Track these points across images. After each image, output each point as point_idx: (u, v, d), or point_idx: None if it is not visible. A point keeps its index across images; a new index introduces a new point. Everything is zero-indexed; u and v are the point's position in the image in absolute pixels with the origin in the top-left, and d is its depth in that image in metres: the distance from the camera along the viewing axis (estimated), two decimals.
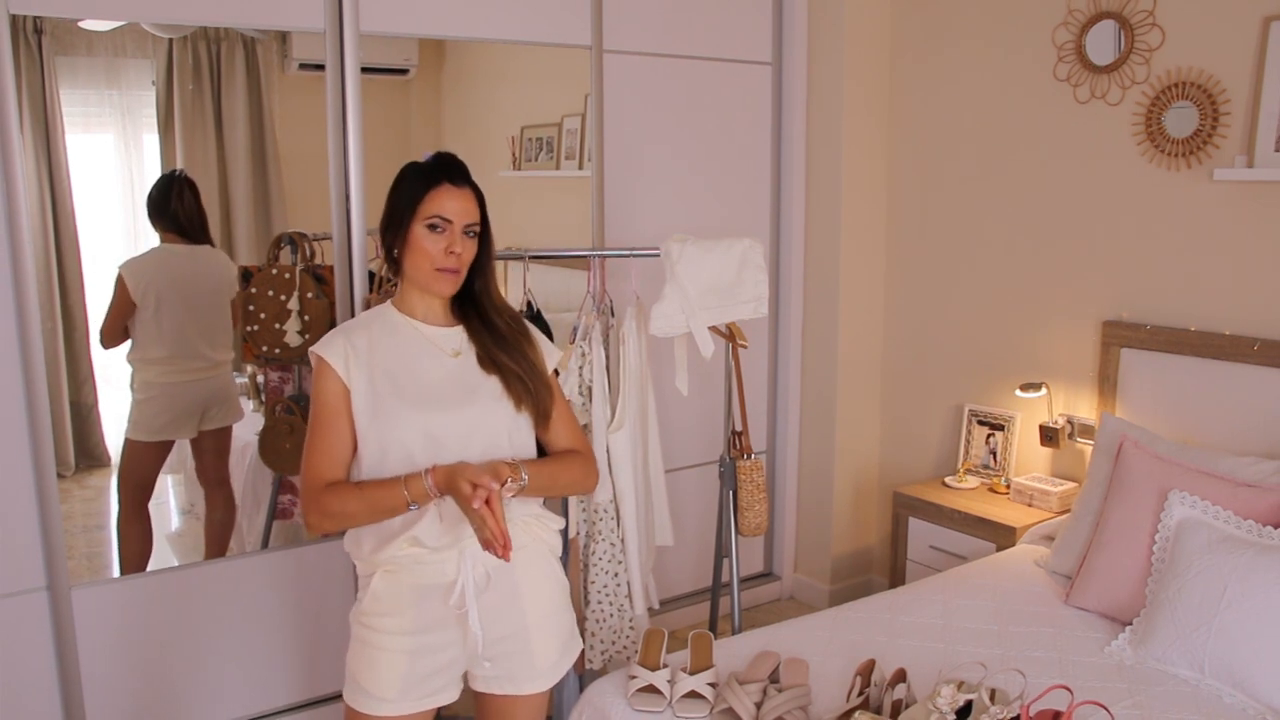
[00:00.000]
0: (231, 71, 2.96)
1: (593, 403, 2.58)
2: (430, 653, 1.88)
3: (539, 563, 1.97)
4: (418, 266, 1.87)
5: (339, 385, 1.84)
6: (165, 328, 2.89)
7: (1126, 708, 2.13)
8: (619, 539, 2.64)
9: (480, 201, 1.94)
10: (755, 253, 2.68)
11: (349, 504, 1.81)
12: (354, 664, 1.90)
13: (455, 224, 1.87)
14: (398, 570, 1.87)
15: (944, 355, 3.71)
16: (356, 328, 1.92)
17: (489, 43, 3.25)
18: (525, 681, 1.95)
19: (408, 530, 1.84)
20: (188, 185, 2.87)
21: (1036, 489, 3.25)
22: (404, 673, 1.86)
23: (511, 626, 1.92)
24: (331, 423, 1.84)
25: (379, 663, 1.87)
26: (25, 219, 2.50)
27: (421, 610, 1.87)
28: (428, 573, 1.86)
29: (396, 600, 1.87)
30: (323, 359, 1.85)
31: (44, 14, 2.54)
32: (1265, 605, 2.20)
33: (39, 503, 2.63)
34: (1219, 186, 2.87)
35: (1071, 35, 3.19)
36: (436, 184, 1.87)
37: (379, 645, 1.87)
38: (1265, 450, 2.73)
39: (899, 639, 2.47)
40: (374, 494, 1.80)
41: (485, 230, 1.95)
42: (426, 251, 1.86)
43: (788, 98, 3.84)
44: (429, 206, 1.86)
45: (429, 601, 1.87)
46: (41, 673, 2.70)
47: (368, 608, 1.89)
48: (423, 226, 1.86)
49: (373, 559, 1.88)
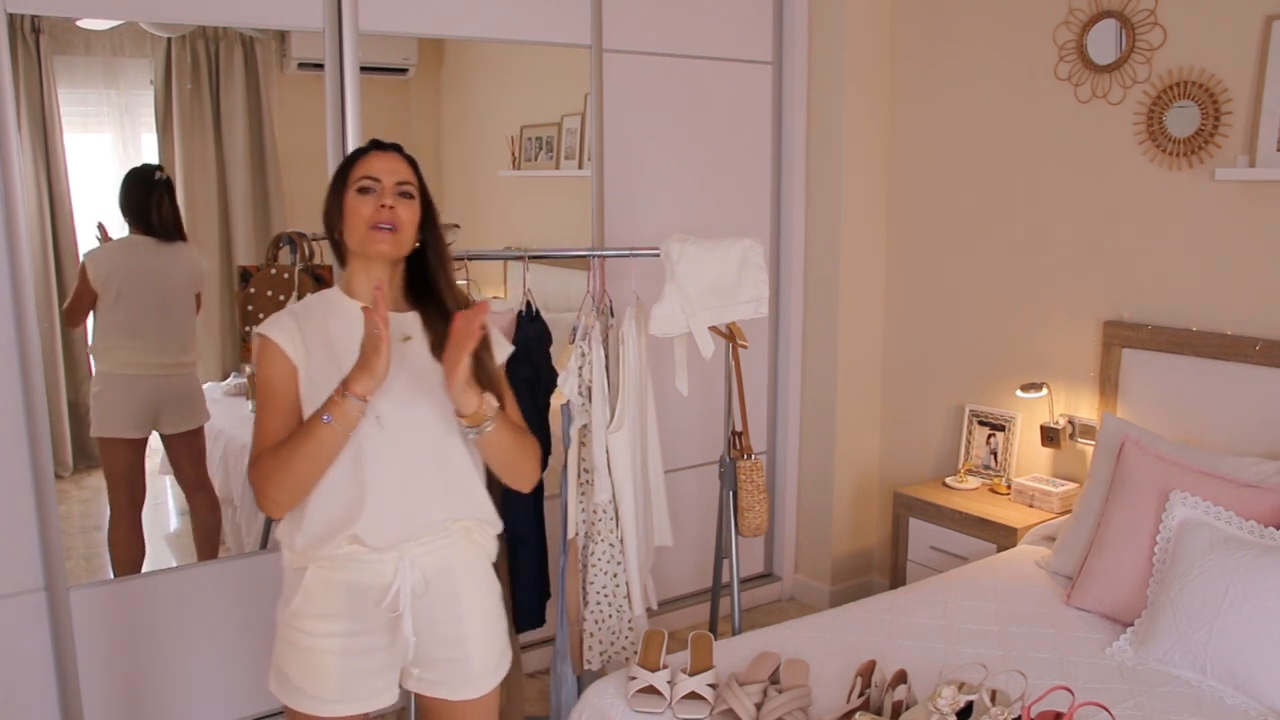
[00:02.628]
0: (230, 71, 2.96)
1: (592, 403, 2.57)
2: (363, 654, 1.84)
3: (478, 569, 1.95)
4: (354, 232, 1.84)
5: (287, 365, 1.80)
6: (123, 320, 2.85)
7: (1128, 709, 2.13)
8: (618, 540, 2.64)
9: (414, 168, 1.92)
10: (755, 253, 2.67)
11: (279, 453, 1.74)
12: (287, 665, 1.85)
13: (384, 182, 1.84)
14: (333, 567, 1.82)
15: (944, 355, 3.70)
16: (304, 310, 1.88)
17: (488, 42, 3.24)
18: (461, 687, 1.91)
19: (350, 528, 1.78)
20: (167, 189, 2.86)
21: (1037, 489, 3.24)
22: (340, 674, 1.83)
23: (449, 633, 1.89)
24: (280, 403, 1.80)
25: (314, 665, 1.83)
26: (23, 219, 2.50)
27: (354, 611, 1.82)
28: (365, 571, 1.82)
29: (329, 599, 1.82)
30: (270, 339, 1.81)
31: (42, 13, 2.54)
32: (1267, 606, 2.20)
33: (37, 503, 2.63)
34: (1220, 186, 2.87)
35: (1072, 34, 3.18)
36: (364, 154, 1.88)
37: (311, 648, 1.82)
38: (1267, 451, 2.72)
39: (900, 640, 2.46)
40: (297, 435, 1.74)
41: (428, 206, 1.92)
42: (360, 213, 1.83)
43: (788, 97, 3.83)
44: (357, 172, 1.86)
45: (363, 602, 1.82)
46: (39, 673, 2.70)
47: (299, 609, 1.83)
48: (354, 193, 1.84)
49: (309, 553, 1.81)
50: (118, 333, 2.86)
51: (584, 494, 2.64)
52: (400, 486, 1.82)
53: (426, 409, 1.84)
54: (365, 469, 1.79)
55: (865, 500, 4.01)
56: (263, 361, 1.82)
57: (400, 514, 1.81)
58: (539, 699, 3.29)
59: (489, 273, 3.45)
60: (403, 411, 1.82)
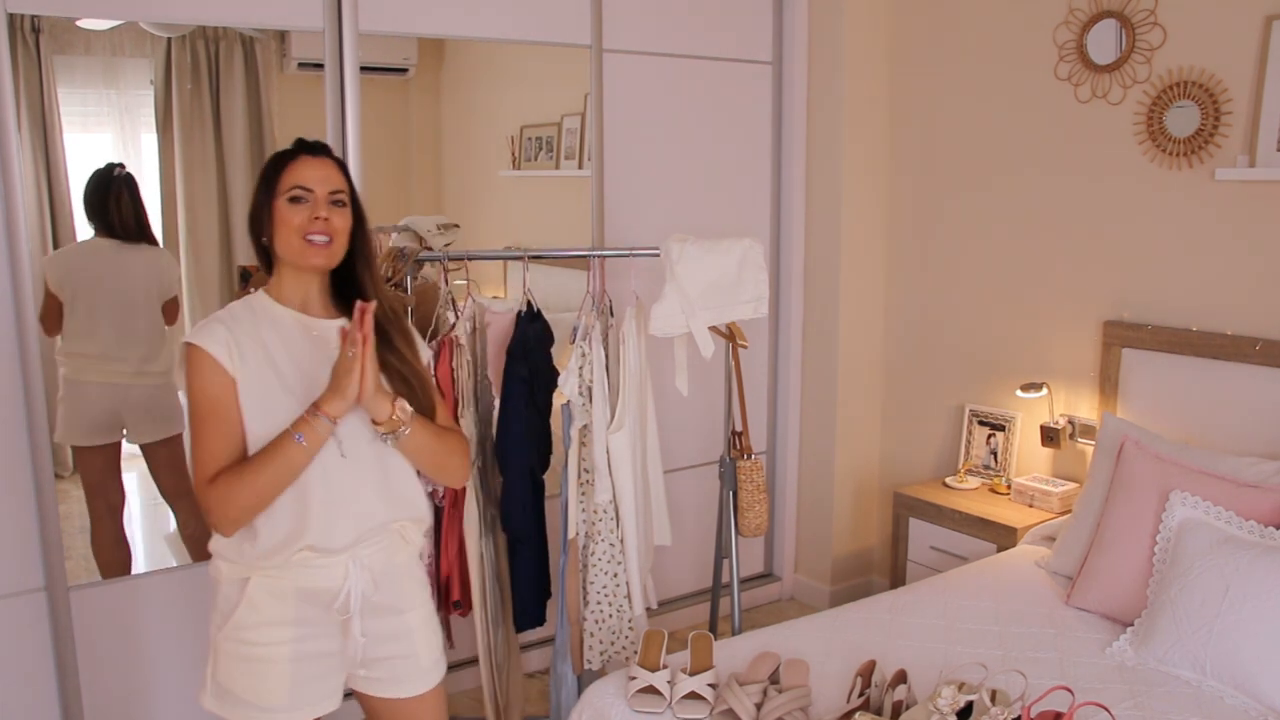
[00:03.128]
0: (230, 71, 2.96)
1: (593, 403, 2.57)
2: (312, 659, 1.83)
3: (415, 566, 1.96)
4: (287, 243, 1.80)
5: (224, 377, 1.74)
6: (81, 325, 2.76)
7: (1128, 709, 2.13)
8: (618, 539, 2.64)
9: (345, 174, 1.88)
10: (755, 253, 2.67)
11: (243, 473, 1.71)
12: (233, 682, 1.81)
13: (318, 192, 1.80)
14: (280, 574, 1.79)
15: (945, 355, 3.70)
16: (235, 317, 1.81)
17: (488, 42, 3.24)
18: (412, 682, 1.92)
19: (305, 536, 1.77)
20: (127, 185, 2.78)
21: (1037, 489, 3.24)
22: (290, 681, 1.80)
23: (394, 629, 1.90)
24: (224, 417, 1.75)
25: (263, 674, 1.80)
26: (23, 218, 2.50)
27: (302, 616, 1.81)
28: (315, 576, 1.80)
29: (276, 607, 1.79)
30: (203, 350, 1.74)
31: (42, 13, 2.54)
32: (1267, 606, 2.20)
33: (37, 504, 2.63)
34: (1220, 186, 2.87)
35: (1072, 34, 3.18)
36: (293, 158, 1.83)
37: (260, 657, 1.79)
38: (1267, 451, 2.72)
39: (899, 640, 2.46)
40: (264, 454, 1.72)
41: (358, 211, 1.89)
42: (291, 223, 1.79)
43: (788, 97, 3.83)
44: (287, 180, 1.80)
45: (312, 607, 1.81)
46: (40, 673, 2.70)
47: (242, 620, 1.79)
48: (285, 201, 1.79)
49: (259, 563, 1.78)
50: (77, 338, 2.76)
51: (584, 494, 2.64)
52: (351, 492, 1.82)
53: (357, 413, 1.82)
54: (317, 477, 1.78)
55: (865, 500, 4.01)
56: (197, 374, 1.75)
57: (351, 518, 1.82)
58: (539, 699, 3.29)
59: (489, 273, 3.45)
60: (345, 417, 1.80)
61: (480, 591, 2.67)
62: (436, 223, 3.30)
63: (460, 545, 2.67)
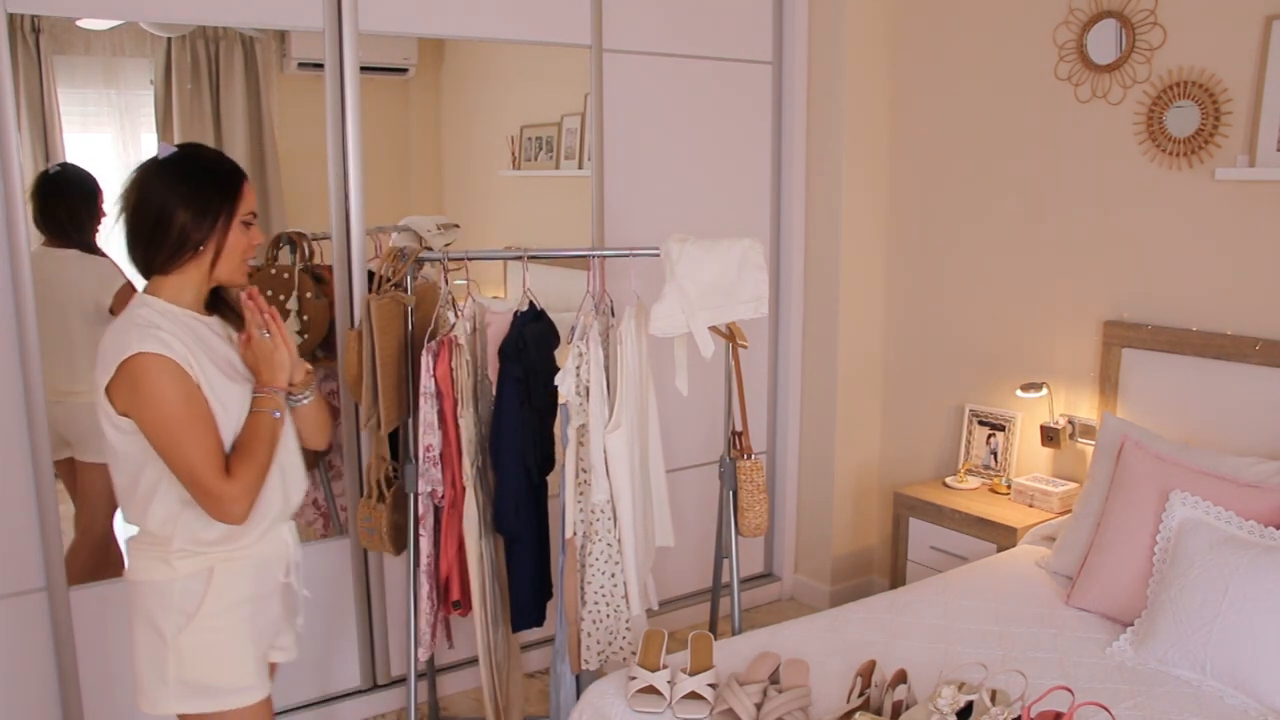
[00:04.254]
0: (230, 71, 2.96)
1: (590, 402, 2.57)
2: (265, 631, 2.00)
3: None
4: (232, 262, 1.92)
5: (191, 380, 1.81)
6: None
7: (1128, 709, 2.13)
8: (615, 539, 2.64)
9: None
10: (755, 253, 2.67)
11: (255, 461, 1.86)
12: (202, 673, 1.89)
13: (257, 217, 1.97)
14: (247, 553, 1.93)
15: (945, 355, 3.70)
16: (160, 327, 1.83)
17: (488, 42, 3.24)
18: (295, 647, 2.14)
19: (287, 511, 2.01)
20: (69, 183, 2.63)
21: (1037, 489, 3.24)
22: (256, 655, 1.97)
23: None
24: (206, 415, 1.82)
25: (234, 655, 1.92)
26: (23, 218, 2.50)
27: (258, 590, 1.96)
28: (268, 548, 1.97)
29: (238, 587, 1.92)
30: (167, 357, 1.78)
31: (42, 13, 2.53)
32: (1267, 606, 2.20)
33: (37, 504, 2.63)
34: (1220, 186, 2.87)
35: (1072, 34, 3.18)
36: (242, 180, 1.93)
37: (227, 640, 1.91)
38: (1267, 450, 2.72)
39: (899, 640, 2.46)
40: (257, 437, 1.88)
41: None
42: (240, 246, 1.92)
43: (788, 97, 3.83)
44: (245, 205, 1.91)
45: (265, 579, 1.98)
46: (40, 673, 2.70)
47: (211, 608, 1.89)
48: (240, 224, 1.91)
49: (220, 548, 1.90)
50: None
51: (582, 494, 2.64)
52: (298, 462, 2.05)
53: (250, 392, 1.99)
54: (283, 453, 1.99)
55: (865, 500, 4.01)
56: (170, 382, 1.78)
57: (299, 484, 2.05)
58: (539, 699, 3.29)
59: (489, 273, 3.45)
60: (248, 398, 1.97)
61: (480, 591, 2.67)
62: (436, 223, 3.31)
63: (460, 545, 2.67)
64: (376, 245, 3.05)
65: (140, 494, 1.87)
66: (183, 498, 1.86)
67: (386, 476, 2.73)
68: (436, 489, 2.65)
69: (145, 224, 1.84)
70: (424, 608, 2.69)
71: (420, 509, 2.66)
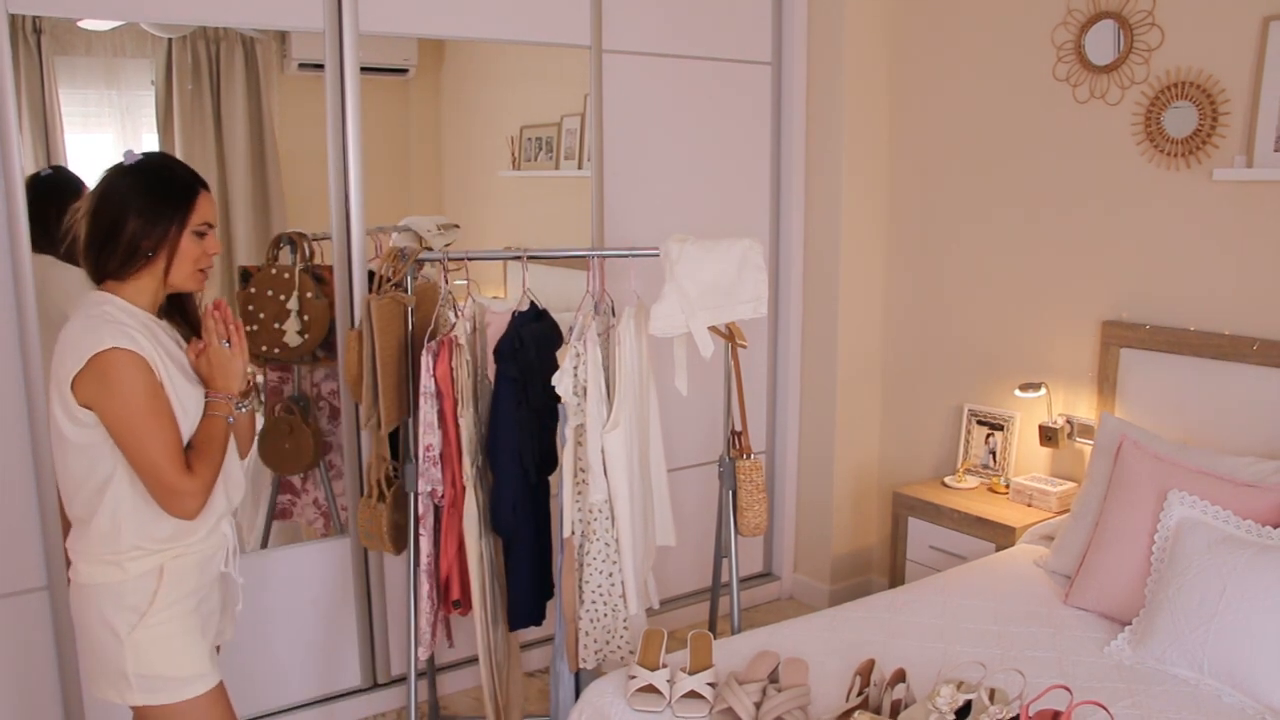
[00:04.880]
0: (231, 71, 2.96)
1: (587, 402, 2.57)
2: (208, 619, 2.06)
3: None
4: (183, 270, 1.96)
5: (155, 376, 1.88)
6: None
7: (1126, 707, 2.13)
8: (613, 539, 2.64)
9: None
10: (755, 253, 2.67)
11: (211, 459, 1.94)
12: (157, 665, 1.94)
13: (214, 227, 2.00)
14: (195, 548, 2.00)
15: (943, 355, 3.71)
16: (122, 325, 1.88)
17: (488, 42, 3.25)
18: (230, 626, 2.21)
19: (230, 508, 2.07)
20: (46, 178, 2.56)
21: (1036, 489, 3.24)
22: (207, 643, 2.04)
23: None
24: (167, 410, 1.89)
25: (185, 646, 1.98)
26: (24, 219, 2.50)
27: (201, 582, 2.03)
28: (212, 543, 2.03)
29: (185, 581, 1.98)
30: (133, 352, 1.85)
31: (43, 14, 2.54)
32: (1264, 605, 2.20)
33: (39, 503, 2.63)
34: (1218, 186, 2.87)
35: (1071, 35, 3.18)
36: (197, 193, 1.96)
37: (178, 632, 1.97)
38: (1265, 450, 2.73)
39: (898, 639, 2.47)
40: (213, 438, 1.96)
41: None
42: (191, 255, 1.96)
43: (787, 97, 3.83)
44: (198, 216, 1.95)
45: (208, 571, 2.04)
46: (42, 672, 2.70)
47: (163, 602, 1.95)
48: (191, 234, 1.95)
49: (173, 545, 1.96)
50: None
51: (580, 493, 2.65)
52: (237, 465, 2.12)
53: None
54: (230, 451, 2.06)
55: (864, 500, 4.02)
56: (134, 376, 1.85)
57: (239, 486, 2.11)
58: (539, 698, 3.29)
59: (489, 273, 3.45)
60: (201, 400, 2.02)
61: (480, 591, 2.67)
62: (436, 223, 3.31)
63: (460, 544, 2.68)
64: (377, 245, 3.05)
65: (91, 488, 1.90)
66: (135, 494, 1.90)
67: (387, 476, 2.74)
68: (436, 488, 2.66)
69: (99, 230, 1.90)
70: (424, 607, 2.70)
71: (420, 508, 2.67)
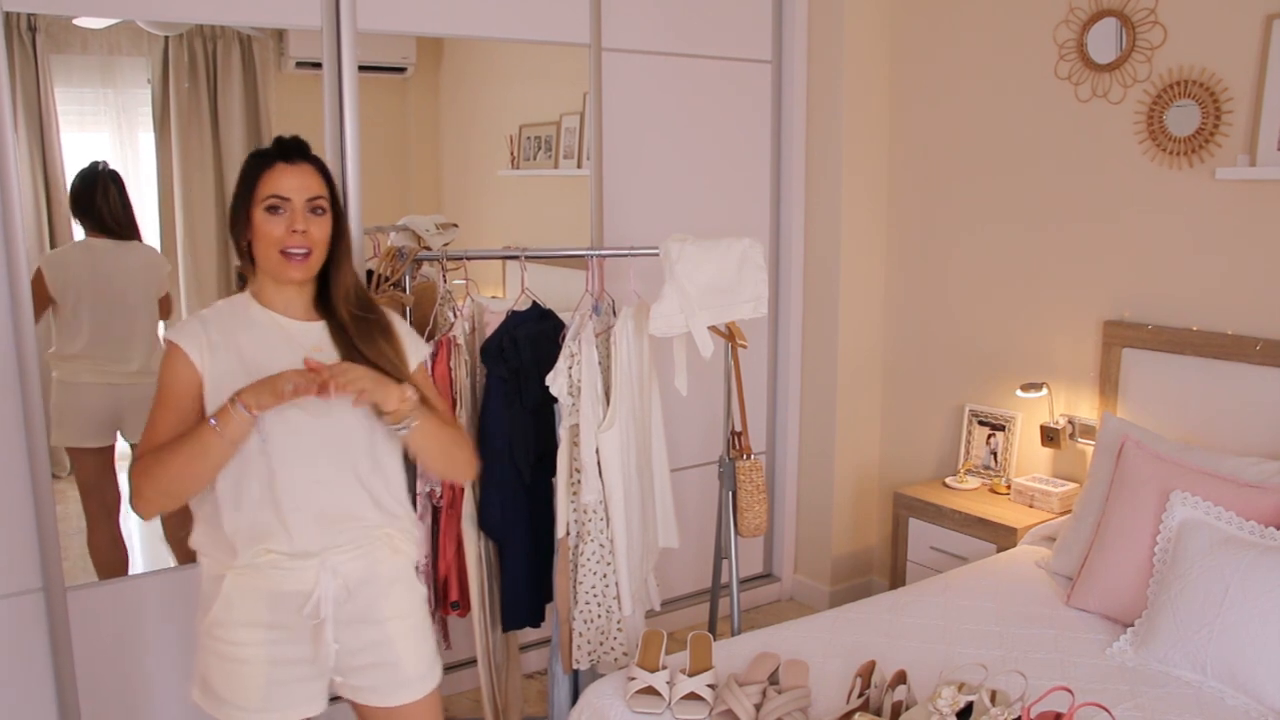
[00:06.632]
0: (228, 70, 2.95)
1: (581, 402, 2.56)
2: (288, 663, 1.82)
3: (400, 575, 1.93)
4: (265, 255, 1.79)
5: (192, 374, 1.77)
6: (85, 325, 2.76)
7: (1128, 709, 2.12)
8: (608, 540, 2.63)
9: (326, 177, 1.84)
10: (755, 252, 2.66)
11: (162, 455, 1.71)
12: (210, 676, 1.82)
13: (295, 201, 1.77)
14: (253, 574, 1.79)
15: (944, 355, 3.70)
16: (214, 318, 1.82)
17: (487, 41, 3.23)
18: (395, 692, 1.90)
19: (267, 538, 1.78)
20: (112, 179, 2.78)
21: (1037, 490, 3.23)
22: (264, 682, 1.80)
23: (374, 637, 1.87)
24: (174, 406, 1.77)
25: (237, 674, 1.80)
26: (19, 218, 2.49)
27: (276, 619, 1.80)
28: (286, 579, 1.79)
29: (250, 608, 1.79)
30: (177, 346, 1.77)
31: (38, 11, 2.53)
32: (1268, 606, 2.19)
33: (34, 504, 2.62)
34: (1221, 185, 2.86)
35: (1073, 33, 3.17)
36: (270, 165, 1.79)
37: (233, 656, 1.80)
38: (1268, 451, 2.71)
39: (899, 640, 2.46)
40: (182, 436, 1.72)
41: (337, 212, 1.86)
42: (270, 235, 1.77)
43: (788, 96, 3.82)
44: (264, 188, 1.77)
45: (284, 609, 1.80)
46: (37, 674, 2.69)
47: (219, 617, 1.80)
48: (262, 211, 1.77)
49: (227, 561, 1.80)
50: (80, 340, 2.76)
51: (575, 493, 2.64)
52: (314, 496, 1.80)
53: (338, 418, 1.81)
54: (279, 479, 1.78)
55: (865, 500, 4.00)
56: (167, 365, 1.79)
57: (316, 523, 1.80)
58: (538, 699, 3.28)
59: (488, 272, 3.44)
60: (316, 420, 1.79)
61: (478, 592, 2.66)
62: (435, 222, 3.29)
63: (458, 546, 2.67)
64: (375, 245, 3.04)
65: None
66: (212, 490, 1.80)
67: None
68: (435, 489, 2.64)
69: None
70: None
71: (419, 509, 2.66)
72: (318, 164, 1.84)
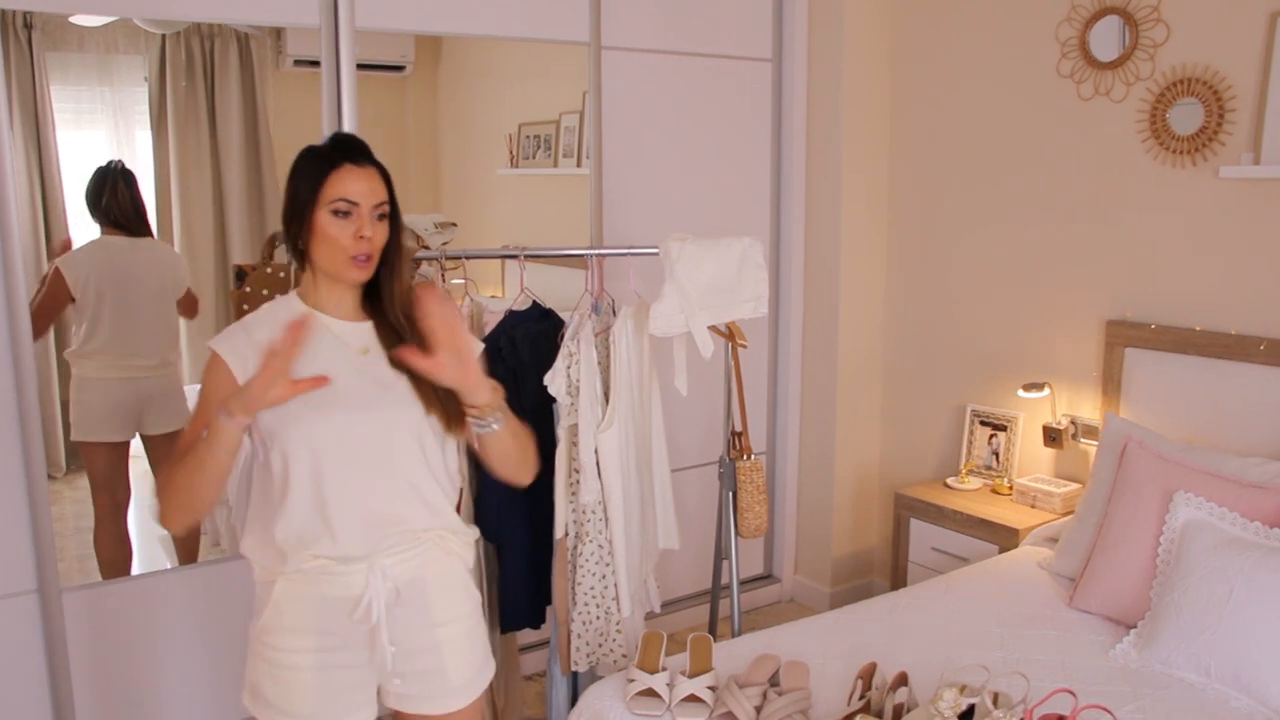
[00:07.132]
0: (225, 68, 2.94)
1: (580, 402, 2.54)
2: (339, 669, 1.79)
3: (453, 578, 1.90)
4: (328, 257, 1.75)
5: (231, 384, 1.72)
6: (105, 322, 2.81)
7: (1131, 711, 2.11)
8: (606, 540, 2.61)
9: (387, 181, 1.81)
10: (755, 251, 2.65)
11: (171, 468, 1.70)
12: (260, 681, 1.80)
13: (363, 206, 1.74)
14: (303, 580, 1.76)
15: (946, 355, 3.68)
16: (259, 323, 1.79)
17: (486, 39, 3.22)
18: (440, 699, 1.86)
19: (315, 542, 1.75)
20: (123, 177, 2.80)
21: (1039, 490, 3.22)
22: (314, 690, 1.78)
23: (423, 643, 1.84)
24: (202, 415, 1.74)
25: (286, 681, 1.77)
26: (15, 217, 2.48)
27: (327, 625, 1.77)
28: (335, 584, 1.77)
29: (300, 614, 1.77)
30: (218, 355, 1.75)
31: (34, 9, 2.52)
32: (1271, 607, 2.18)
33: (30, 505, 2.61)
34: (1224, 184, 2.85)
35: (1075, 31, 3.16)
36: (337, 166, 1.74)
37: (284, 663, 1.77)
38: (1271, 451, 2.70)
39: (900, 642, 2.44)
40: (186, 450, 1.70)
41: (394, 214, 1.82)
42: (335, 240, 1.73)
43: (788, 94, 3.81)
44: (331, 190, 1.72)
45: (335, 616, 1.78)
46: (32, 676, 2.68)
47: (269, 624, 1.77)
48: (327, 213, 1.73)
49: (276, 567, 1.77)
50: (100, 336, 2.80)
51: (574, 494, 2.62)
52: (362, 499, 1.77)
53: (387, 419, 1.78)
54: (326, 482, 1.74)
55: (866, 501, 3.99)
56: (207, 374, 1.76)
57: (364, 526, 1.77)
58: (537, 701, 3.27)
59: (487, 272, 3.43)
60: (362, 422, 1.77)
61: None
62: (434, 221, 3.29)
63: None
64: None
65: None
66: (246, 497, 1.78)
67: None
68: None
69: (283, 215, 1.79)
70: None
71: None
72: (381, 168, 1.82)
